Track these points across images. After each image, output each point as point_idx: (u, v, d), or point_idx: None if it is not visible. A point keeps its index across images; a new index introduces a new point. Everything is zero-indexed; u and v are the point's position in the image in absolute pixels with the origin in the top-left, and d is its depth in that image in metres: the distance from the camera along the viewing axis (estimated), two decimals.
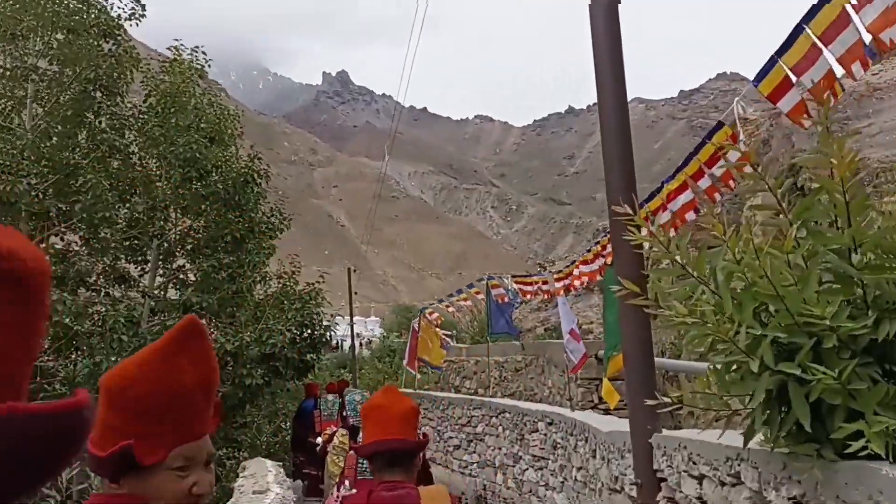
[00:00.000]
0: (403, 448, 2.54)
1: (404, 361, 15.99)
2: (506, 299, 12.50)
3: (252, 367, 11.83)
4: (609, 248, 8.75)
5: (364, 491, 2.63)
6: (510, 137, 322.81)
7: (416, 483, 2.60)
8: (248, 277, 12.84)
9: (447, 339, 16.73)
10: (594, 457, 6.29)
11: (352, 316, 22.26)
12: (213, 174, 12.98)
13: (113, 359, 10.75)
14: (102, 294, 12.78)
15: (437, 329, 16.32)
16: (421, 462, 2.76)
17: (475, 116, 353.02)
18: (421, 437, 2.77)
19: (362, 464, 5.43)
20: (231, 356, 11.70)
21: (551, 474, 8.55)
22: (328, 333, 14.26)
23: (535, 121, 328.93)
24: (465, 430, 11.97)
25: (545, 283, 12.17)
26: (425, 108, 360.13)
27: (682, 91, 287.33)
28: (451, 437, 12.48)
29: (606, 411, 9.80)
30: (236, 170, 13.32)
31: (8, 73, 12.46)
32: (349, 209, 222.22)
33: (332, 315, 15.19)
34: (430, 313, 14.83)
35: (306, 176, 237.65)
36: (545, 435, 8.80)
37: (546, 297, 12.38)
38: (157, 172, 13.03)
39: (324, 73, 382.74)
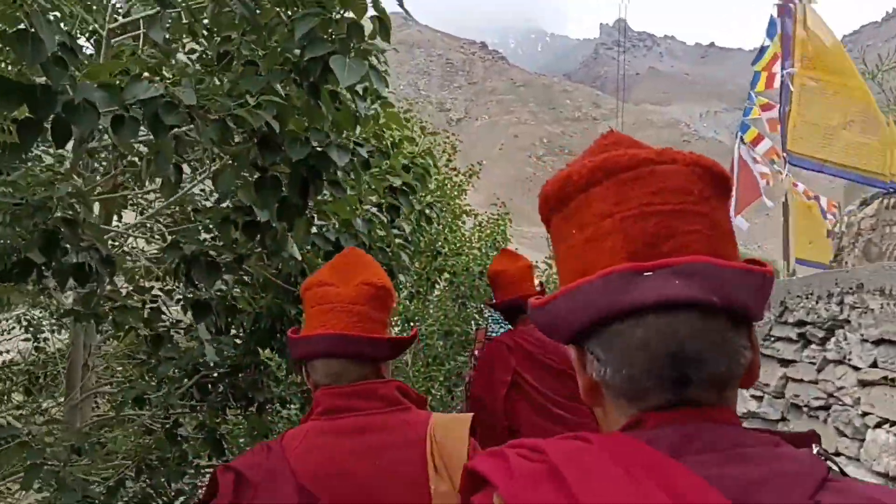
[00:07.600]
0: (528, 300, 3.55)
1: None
2: None
3: None
4: None
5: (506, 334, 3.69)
6: None
7: None
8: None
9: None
10: None
11: None
12: None
13: None
14: None
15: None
16: None
17: None
18: (539, 288, 3.79)
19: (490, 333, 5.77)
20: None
21: None
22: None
23: (843, 36, 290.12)
24: None
25: None
26: (713, 44, 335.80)
27: None
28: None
29: None
30: None
31: None
32: None
33: None
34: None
35: (591, 131, 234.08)
36: None
37: None
38: None
39: (601, 24, 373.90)
